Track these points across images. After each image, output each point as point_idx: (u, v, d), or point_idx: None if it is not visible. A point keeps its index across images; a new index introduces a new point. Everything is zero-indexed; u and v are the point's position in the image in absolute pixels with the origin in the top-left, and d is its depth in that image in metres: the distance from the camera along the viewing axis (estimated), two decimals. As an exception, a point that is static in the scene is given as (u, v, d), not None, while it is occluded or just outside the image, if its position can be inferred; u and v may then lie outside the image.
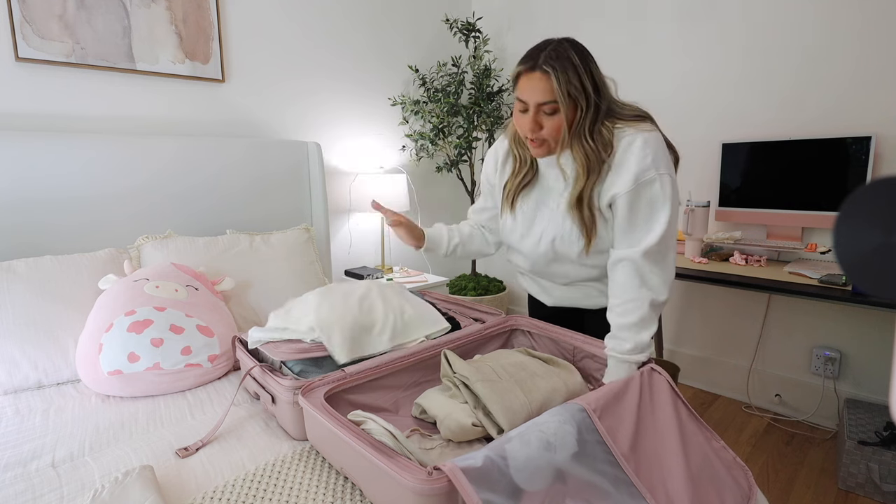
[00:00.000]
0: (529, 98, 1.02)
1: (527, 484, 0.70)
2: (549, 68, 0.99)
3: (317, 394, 0.93)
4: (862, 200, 0.37)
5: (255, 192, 2.04)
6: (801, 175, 1.93)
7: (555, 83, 0.99)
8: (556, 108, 1.02)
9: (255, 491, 0.84)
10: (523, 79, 1.03)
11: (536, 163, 1.17)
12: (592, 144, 1.03)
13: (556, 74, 0.99)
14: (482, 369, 0.98)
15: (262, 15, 2.14)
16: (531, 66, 1.01)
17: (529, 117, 1.04)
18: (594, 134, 1.03)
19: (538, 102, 1.02)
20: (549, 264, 1.21)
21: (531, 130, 1.05)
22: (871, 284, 0.37)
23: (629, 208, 1.05)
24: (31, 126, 1.64)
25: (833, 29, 1.89)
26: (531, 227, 1.19)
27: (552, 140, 1.06)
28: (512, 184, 1.20)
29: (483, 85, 2.63)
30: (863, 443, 1.62)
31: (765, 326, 2.19)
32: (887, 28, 1.78)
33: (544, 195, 1.18)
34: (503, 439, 0.75)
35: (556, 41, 1.03)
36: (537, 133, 1.05)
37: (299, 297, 1.32)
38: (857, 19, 1.83)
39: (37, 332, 1.33)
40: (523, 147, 1.16)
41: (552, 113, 1.02)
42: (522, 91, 1.04)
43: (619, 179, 1.04)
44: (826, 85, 1.92)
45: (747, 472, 0.93)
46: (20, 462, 0.96)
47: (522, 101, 1.04)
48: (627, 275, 1.07)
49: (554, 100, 1.00)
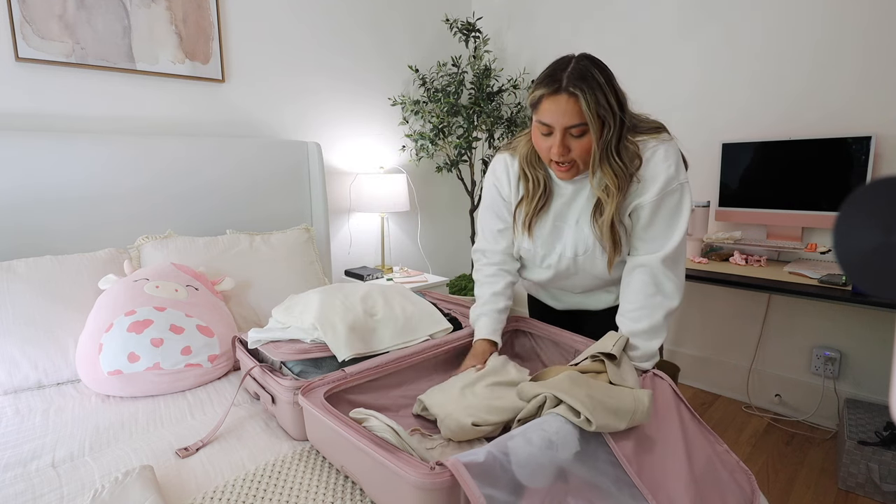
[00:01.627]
0: (556, 122, 0.98)
1: (528, 481, 0.70)
2: (576, 90, 0.94)
3: (317, 394, 0.93)
4: (862, 200, 0.37)
5: (256, 192, 2.04)
6: (801, 175, 1.93)
7: (584, 105, 0.94)
8: (585, 130, 0.98)
9: (255, 491, 0.84)
10: (547, 101, 0.98)
11: (549, 183, 1.13)
12: (621, 162, 1.01)
13: (585, 96, 0.94)
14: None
15: (262, 15, 2.14)
16: (556, 89, 0.96)
17: (556, 141, 0.99)
18: (621, 151, 1.01)
19: (565, 126, 0.97)
20: (568, 278, 1.20)
21: (560, 154, 1.00)
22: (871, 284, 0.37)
23: (652, 216, 1.05)
24: (31, 126, 1.64)
25: (833, 29, 1.89)
26: (551, 247, 1.16)
27: (581, 161, 1.02)
28: (528, 208, 1.15)
29: (483, 85, 2.62)
30: (863, 443, 1.62)
31: (765, 326, 2.18)
32: (887, 28, 1.78)
33: (561, 212, 1.14)
34: (505, 436, 0.75)
35: (575, 59, 0.98)
36: (566, 156, 1.01)
37: (300, 293, 1.33)
38: (857, 20, 1.83)
39: (37, 332, 1.33)
40: (537, 168, 1.12)
41: (580, 135, 0.99)
42: (546, 114, 0.98)
43: (644, 190, 1.04)
44: (826, 85, 1.92)
45: (750, 476, 0.93)
46: (20, 462, 0.96)
47: (546, 125, 0.99)
48: (643, 281, 1.07)
49: (583, 122, 0.96)
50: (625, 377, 0.97)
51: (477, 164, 2.90)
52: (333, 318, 1.16)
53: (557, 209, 1.14)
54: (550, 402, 0.85)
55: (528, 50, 2.85)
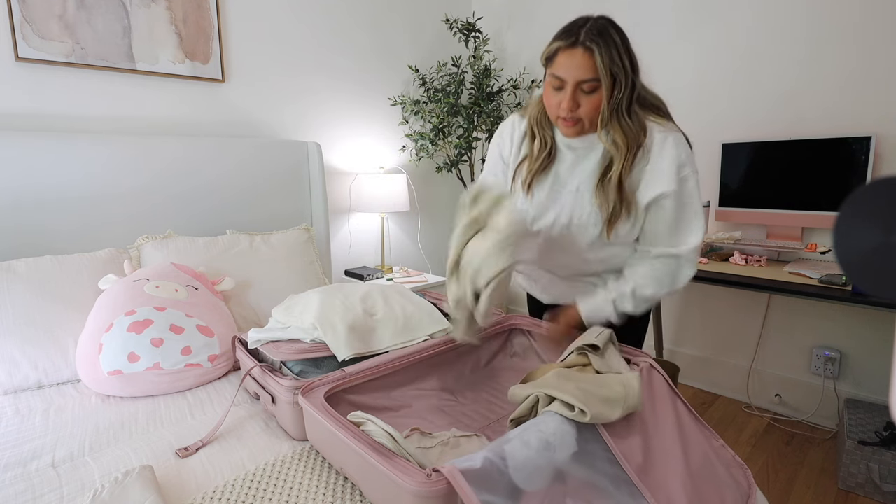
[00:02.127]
0: (569, 75, 0.98)
1: (526, 484, 0.70)
2: (592, 45, 0.95)
3: (317, 394, 0.93)
4: (862, 200, 0.37)
5: (256, 192, 2.04)
6: (801, 175, 1.93)
7: (598, 60, 0.96)
8: (596, 87, 0.99)
9: (255, 491, 0.84)
10: (562, 55, 0.99)
11: (555, 145, 1.14)
12: (630, 123, 1.02)
13: (600, 51, 0.95)
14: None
15: (262, 15, 2.14)
16: (572, 43, 0.97)
17: (567, 95, 1.00)
18: (631, 114, 1.02)
19: (578, 80, 0.98)
20: (555, 253, 1.19)
21: (569, 109, 1.01)
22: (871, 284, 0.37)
23: (677, 208, 1.05)
24: (31, 126, 1.64)
25: (833, 29, 1.89)
26: (545, 210, 1.16)
27: (587, 119, 1.03)
28: (532, 166, 1.15)
29: (483, 85, 2.63)
30: (863, 443, 1.62)
31: (765, 326, 2.18)
32: (887, 28, 1.78)
33: (562, 177, 1.14)
34: (502, 439, 0.75)
35: (594, 17, 1.00)
36: (574, 112, 1.01)
37: (300, 293, 1.33)
38: (857, 20, 1.83)
39: (37, 332, 1.33)
40: (546, 128, 1.13)
41: (591, 91, 1.00)
42: (560, 68, 0.99)
43: (661, 176, 1.04)
44: (826, 85, 1.92)
45: (746, 470, 0.93)
46: (20, 462, 0.96)
47: (559, 78, 1.00)
48: (664, 271, 1.08)
49: (596, 77, 0.97)
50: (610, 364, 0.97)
51: (477, 164, 2.90)
52: (333, 318, 1.16)
53: (558, 174, 1.14)
54: (543, 401, 0.85)
55: (528, 50, 2.85)
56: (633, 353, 1.08)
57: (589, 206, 1.10)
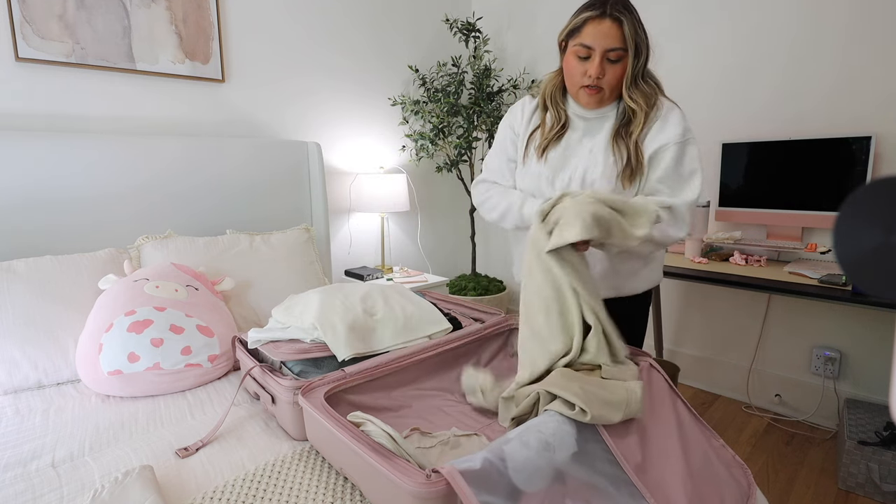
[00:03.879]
0: (597, 44, 1.05)
1: (526, 485, 0.70)
2: (620, 16, 1.04)
3: (317, 394, 0.93)
4: (862, 200, 0.37)
5: (256, 192, 2.04)
6: (801, 175, 1.93)
7: (627, 30, 1.04)
8: (622, 56, 1.07)
9: (255, 491, 0.84)
10: (591, 25, 1.06)
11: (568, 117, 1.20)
12: (647, 87, 1.12)
13: (628, 21, 1.04)
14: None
15: (262, 15, 2.14)
16: (601, 13, 1.04)
17: (595, 63, 1.07)
18: (647, 81, 1.12)
19: (606, 48, 1.06)
20: None
21: (597, 76, 1.08)
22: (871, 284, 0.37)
23: (676, 159, 1.10)
24: (31, 126, 1.64)
25: (834, 29, 1.88)
26: (559, 171, 1.20)
27: (608, 88, 1.11)
28: (546, 134, 1.21)
29: (483, 85, 2.63)
30: (863, 443, 1.62)
31: (765, 326, 2.18)
32: (888, 28, 1.77)
33: (573, 143, 1.20)
34: (501, 440, 0.75)
35: None
36: (601, 79, 1.09)
37: (300, 293, 1.33)
38: (857, 19, 1.83)
39: (37, 332, 1.33)
40: (560, 102, 1.20)
41: (616, 60, 1.07)
42: (589, 37, 1.06)
43: (666, 132, 1.10)
44: (826, 85, 1.92)
45: (746, 470, 0.93)
46: (20, 462, 0.96)
47: (587, 47, 1.07)
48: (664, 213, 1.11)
49: (623, 47, 1.05)
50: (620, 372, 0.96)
51: (477, 164, 2.90)
52: (333, 318, 1.16)
53: (570, 140, 1.20)
54: (544, 398, 0.85)
55: (528, 50, 2.85)
56: (633, 352, 1.08)
57: (602, 165, 1.15)
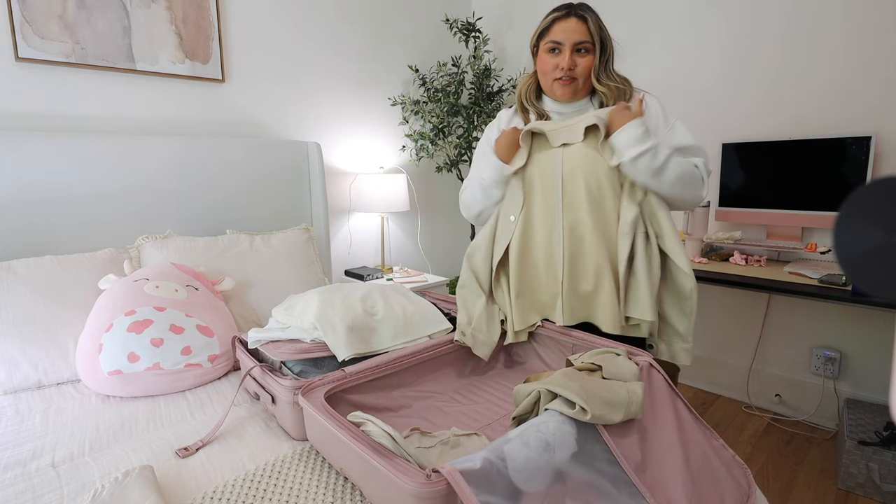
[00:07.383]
0: (566, 38, 1.18)
1: (526, 485, 0.70)
2: (585, 14, 1.19)
3: (317, 394, 0.93)
4: (862, 200, 0.37)
5: (255, 192, 2.04)
6: (801, 175, 1.93)
7: (591, 26, 1.18)
8: (589, 48, 1.19)
9: (255, 491, 0.84)
10: (559, 24, 1.19)
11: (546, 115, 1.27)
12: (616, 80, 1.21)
13: (591, 19, 1.18)
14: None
15: (262, 15, 2.14)
16: (567, 14, 1.19)
17: (565, 55, 1.18)
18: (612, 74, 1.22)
19: (574, 42, 1.18)
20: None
21: (568, 67, 1.18)
22: (871, 284, 0.37)
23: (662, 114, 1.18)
24: (31, 126, 1.64)
25: (834, 29, 1.89)
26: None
27: (581, 78, 1.20)
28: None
29: (483, 85, 2.62)
30: (863, 443, 1.62)
31: (765, 326, 2.18)
32: (887, 28, 1.78)
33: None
34: (501, 440, 0.75)
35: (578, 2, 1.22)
36: (573, 70, 1.19)
37: (300, 293, 1.33)
38: (856, 20, 1.83)
39: (37, 332, 1.33)
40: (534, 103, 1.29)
41: (584, 53, 1.19)
42: (559, 33, 1.19)
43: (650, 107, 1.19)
44: (826, 85, 1.92)
45: (746, 470, 0.93)
46: (20, 462, 0.96)
47: (557, 43, 1.19)
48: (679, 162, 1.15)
49: (589, 40, 1.18)
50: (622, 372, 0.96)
51: (477, 164, 2.89)
52: (333, 318, 1.16)
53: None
54: (545, 397, 0.85)
55: (528, 50, 2.84)
56: (634, 352, 1.08)
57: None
